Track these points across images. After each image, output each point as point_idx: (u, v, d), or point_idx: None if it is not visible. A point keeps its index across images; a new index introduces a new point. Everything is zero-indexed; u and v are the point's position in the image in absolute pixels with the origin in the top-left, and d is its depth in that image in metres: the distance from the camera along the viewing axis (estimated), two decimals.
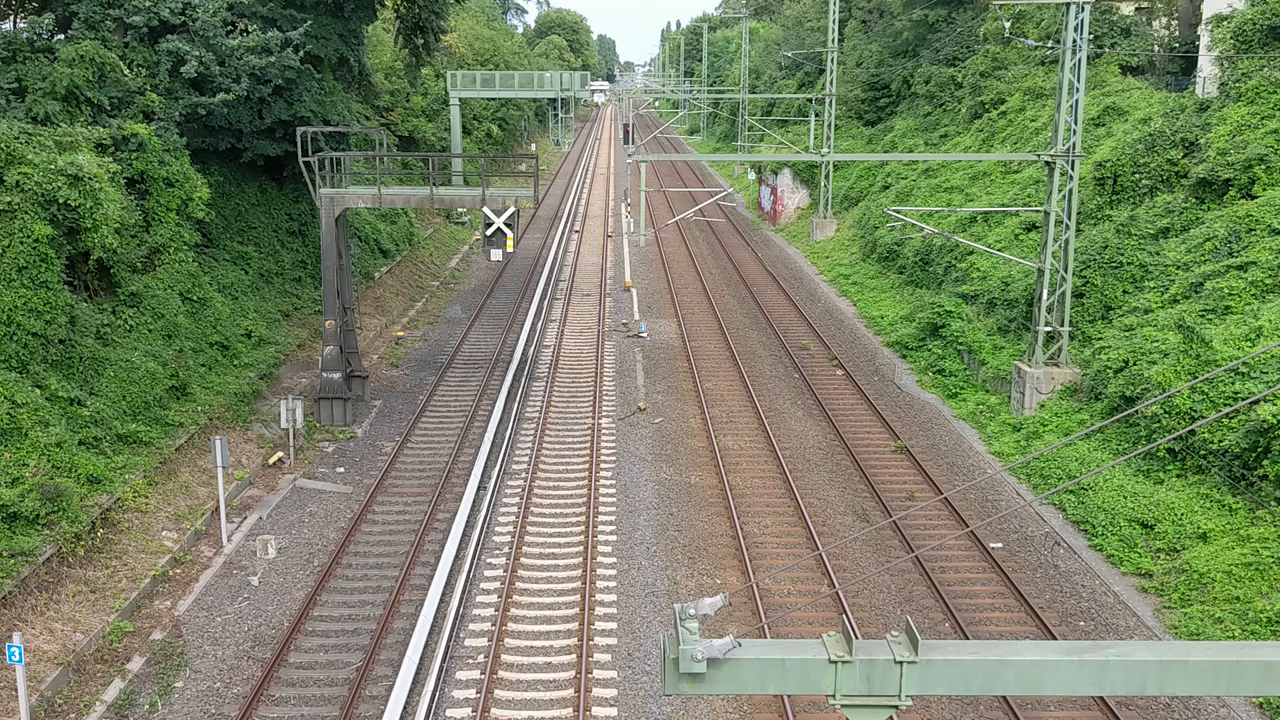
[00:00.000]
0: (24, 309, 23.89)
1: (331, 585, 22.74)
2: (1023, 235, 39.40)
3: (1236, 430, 23.10)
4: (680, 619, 6.08)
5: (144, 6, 32.55)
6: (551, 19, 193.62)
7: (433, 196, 32.54)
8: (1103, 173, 36.27)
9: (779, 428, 32.38)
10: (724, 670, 6.06)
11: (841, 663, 6.06)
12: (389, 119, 61.44)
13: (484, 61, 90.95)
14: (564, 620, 21.25)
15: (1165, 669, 6.22)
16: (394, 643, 20.43)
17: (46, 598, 20.10)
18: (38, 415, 22.59)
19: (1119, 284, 31.83)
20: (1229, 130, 32.26)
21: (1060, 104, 29.60)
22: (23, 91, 30.05)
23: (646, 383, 36.89)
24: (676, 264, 60.00)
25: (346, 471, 29.22)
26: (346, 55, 39.83)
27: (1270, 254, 27.60)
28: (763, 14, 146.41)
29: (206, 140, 35.43)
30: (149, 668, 19.64)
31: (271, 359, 33.70)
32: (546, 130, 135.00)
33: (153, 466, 25.14)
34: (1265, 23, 34.25)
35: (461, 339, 42.85)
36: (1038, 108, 50.12)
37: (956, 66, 63.57)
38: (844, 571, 23.26)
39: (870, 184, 60.63)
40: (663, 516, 26.19)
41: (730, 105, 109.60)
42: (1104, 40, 51.14)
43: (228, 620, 21.40)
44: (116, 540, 22.69)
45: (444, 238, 62.74)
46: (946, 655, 6.08)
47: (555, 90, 78.71)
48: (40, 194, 24.82)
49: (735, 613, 21.37)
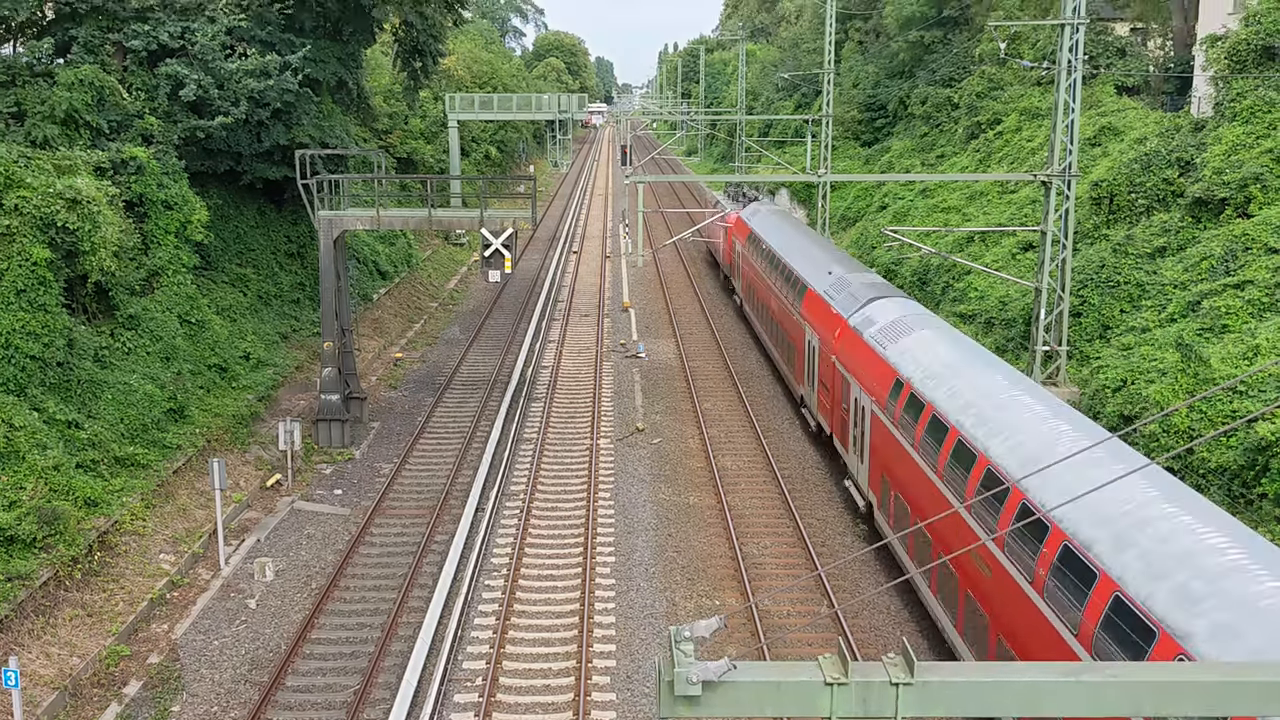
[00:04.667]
0: (22, 332, 23.90)
1: (329, 608, 22.67)
2: (1020, 255, 39.48)
3: (1235, 449, 23.08)
4: (675, 641, 6.07)
5: (143, 30, 32.70)
6: (550, 41, 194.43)
7: (431, 218, 32.61)
8: (1099, 192, 36.38)
9: (778, 448, 32.35)
10: (719, 693, 6.04)
11: (837, 685, 6.04)
12: (387, 141, 61.65)
13: (482, 84, 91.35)
14: (562, 642, 21.17)
15: (1163, 689, 6.20)
16: (392, 665, 20.35)
17: (43, 621, 20.03)
18: (35, 438, 22.56)
19: (1116, 303, 31.88)
20: (1224, 149, 32.37)
21: (1056, 124, 29.70)
22: (22, 115, 30.16)
23: (645, 403, 36.87)
24: (674, 284, 60.08)
25: (344, 493, 29.18)
26: (345, 78, 39.98)
27: (1267, 272, 27.66)
28: (760, 36, 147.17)
29: (205, 163, 35.52)
30: (146, 692, 19.55)
31: (270, 381, 33.69)
32: (545, 152, 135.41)
33: (150, 489, 25.10)
34: (1259, 43, 34.42)
35: (460, 360, 42.85)
36: (1034, 128, 50.32)
37: (953, 87, 63.86)
38: (843, 592, 23.21)
39: (868, 204, 60.80)
40: (661, 537, 26.13)
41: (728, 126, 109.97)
42: (1099, 61, 51.40)
43: (225, 643, 21.32)
44: (114, 563, 22.63)
45: (442, 259, 62.83)
46: (943, 677, 6.06)
47: (553, 112, 79.04)
48: (39, 217, 24.88)
49: (734, 634, 21.29)
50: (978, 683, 6.10)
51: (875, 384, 24.97)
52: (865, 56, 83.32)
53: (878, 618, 22.24)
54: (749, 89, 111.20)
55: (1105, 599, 13.65)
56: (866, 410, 25.46)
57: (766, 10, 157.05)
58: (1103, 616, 13.61)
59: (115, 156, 30.33)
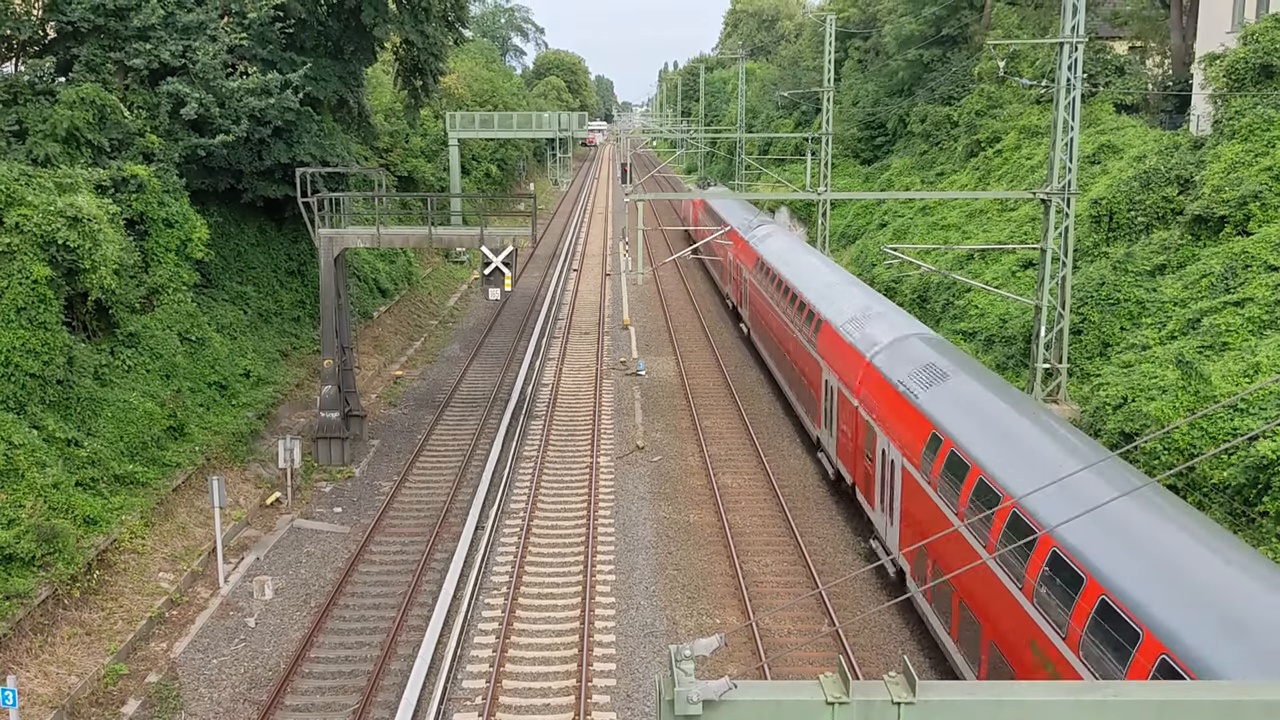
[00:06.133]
0: (22, 349, 23.89)
1: (328, 626, 22.60)
2: (1020, 272, 39.51)
3: (1236, 466, 23.04)
4: (676, 660, 6.04)
5: (145, 49, 32.80)
6: (550, 60, 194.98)
7: (431, 236, 32.65)
8: (1099, 210, 36.43)
9: (778, 465, 32.30)
10: (720, 712, 6.01)
11: (838, 703, 6.01)
12: (388, 159, 61.77)
13: (483, 102, 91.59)
14: (562, 661, 21.10)
15: (1164, 709, 6.17)
16: (391, 684, 20.27)
17: (41, 640, 19.96)
18: (34, 456, 22.53)
19: (1116, 320, 31.88)
20: (1223, 167, 32.44)
21: (1055, 142, 29.77)
22: (23, 133, 30.23)
23: (645, 421, 36.83)
24: (674, 302, 60.13)
25: (344, 511, 29.12)
26: (346, 97, 40.09)
27: (1266, 290, 27.67)
28: (759, 54, 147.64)
29: (206, 181, 35.59)
30: (144, 711, 19.47)
31: (270, 398, 33.67)
32: (545, 170, 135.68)
33: (150, 507, 25.05)
34: (1257, 60, 34.53)
35: (460, 377, 42.84)
36: (1033, 145, 50.43)
37: (952, 105, 64.04)
38: (844, 610, 23.13)
39: (867, 222, 60.89)
40: (661, 555, 26.07)
41: (727, 144, 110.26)
42: (1098, 79, 51.57)
43: (224, 662, 21.24)
44: (112, 582, 22.57)
45: (443, 277, 62.90)
46: (944, 696, 6.03)
47: (553, 130, 79.23)
48: (39, 235, 24.91)
49: (735, 652, 21.22)
50: (979, 702, 6.07)
51: (907, 436, 22.46)
52: (865, 75, 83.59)
53: (879, 636, 22.16)
54: (749, 107, 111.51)
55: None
56: (896, 465, 22.94)
57: (766, 29, 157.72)
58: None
59: (116, 174, 30.39)
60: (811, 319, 33.01)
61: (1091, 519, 14.61)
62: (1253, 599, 12.61)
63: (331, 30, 38.50)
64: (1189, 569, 13.59)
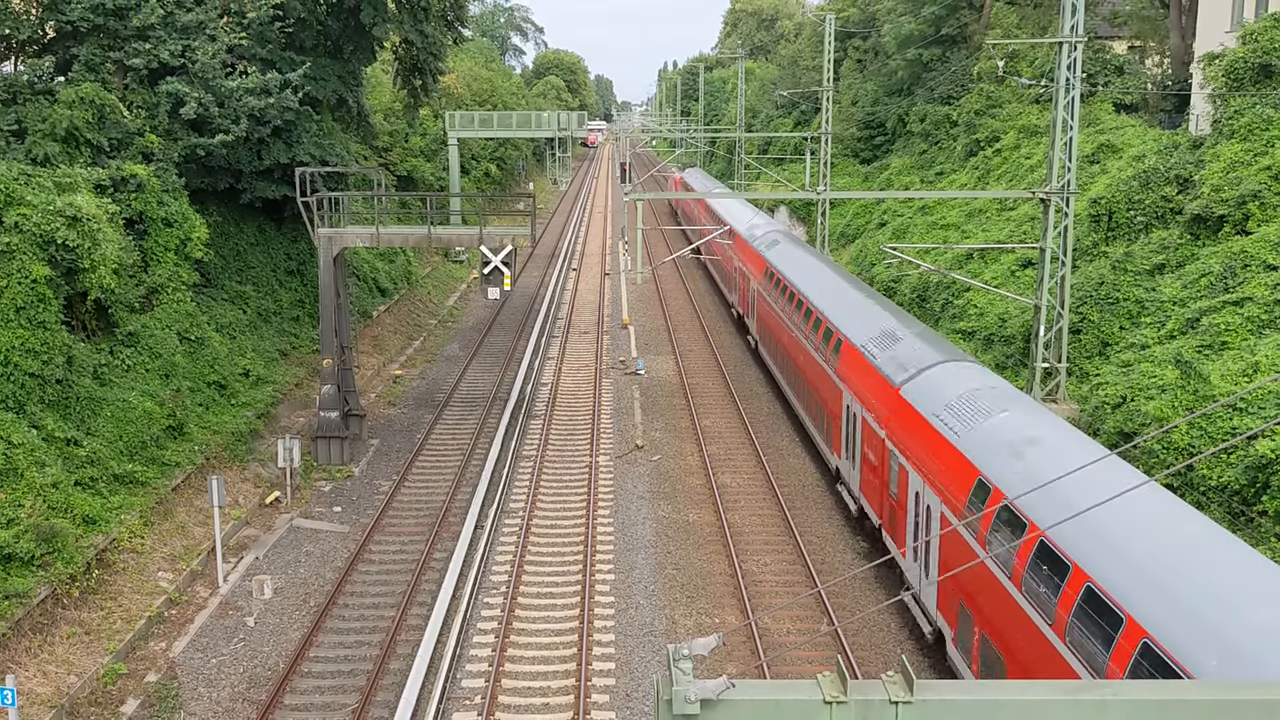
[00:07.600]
0: (21, 349, 23.89)
1: (328, 625, 22.59)
2: (1019, 272, 39.51)
3: (1235, 466, 23.05)
4: (674, 659, 6.04)
5: (144, 49, 32.78)
6: (549, 60, 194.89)
7: (431, 235, 32.64)
8: (1098, 209, 36.43)
9: (778, 465, 32.30)
10: (718, 711, 6.01)
11: (836, 703, 6.01)
12: (387, 159, 61.74)
13: (482, 102, 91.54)
14: (562, 660, 21.10)
15: (1164, 708, 6.16)
16: (390, 684, 20.26)
17: (40, 640, 19.96)
18: (34, 455, 22.52)
19: (1115, 320, 31.89)
20: (1223, 167, 32.45)
21: (1054, 141, 29.77)
22: (22, 133, 30.22)
23: (644, 420, 36.83)
24: (674, 301, 60.12)
25: (344, 510, 29.12)
26: (345, 96, 40.07)
27: (1266, 289, 27.68)
28: (759, 54, 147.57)
29: (205, 180, 35.58)
30: (143, 710, 19.47)
31: (269, 398, 33.66)
32: (544, 169, 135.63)
33: (149, 506, 25.04)
34: (1256, 60, 34.54)
35: (459, 377, 42.84)
36: (1032, 145, 50.43)
37: (951, 105, 64.05)
38: (842, 610, 23.13)
39: (867, 221, 60.89)
40: (661, 555, 26.07)
41: (727, 144, 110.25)
42: (1097, 78, 51.55)
43: (223, 661, 21.24)
44: (112, 581, 22.56)
45: (442, 276, 62.88)
46: (942, 695, 6.03)
47: (553, 130, 79.19)
48: (39, 235, 24.90)
49: (734, 652, 21.22)
50: (978, 701, 6.06)
51: (946, 480, 19.80)
52: (864, 74, 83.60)
53: (877, 635, 22.16)
54: (748, 106, 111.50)
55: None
56: (933, 511, 20.32)
57: (765, 29, 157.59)
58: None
59: (115, 174, 30.38)
60: (830, 338, 30.63)
61: (1191, 608, 12.27)
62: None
63: (331, 30, 38.48)
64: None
